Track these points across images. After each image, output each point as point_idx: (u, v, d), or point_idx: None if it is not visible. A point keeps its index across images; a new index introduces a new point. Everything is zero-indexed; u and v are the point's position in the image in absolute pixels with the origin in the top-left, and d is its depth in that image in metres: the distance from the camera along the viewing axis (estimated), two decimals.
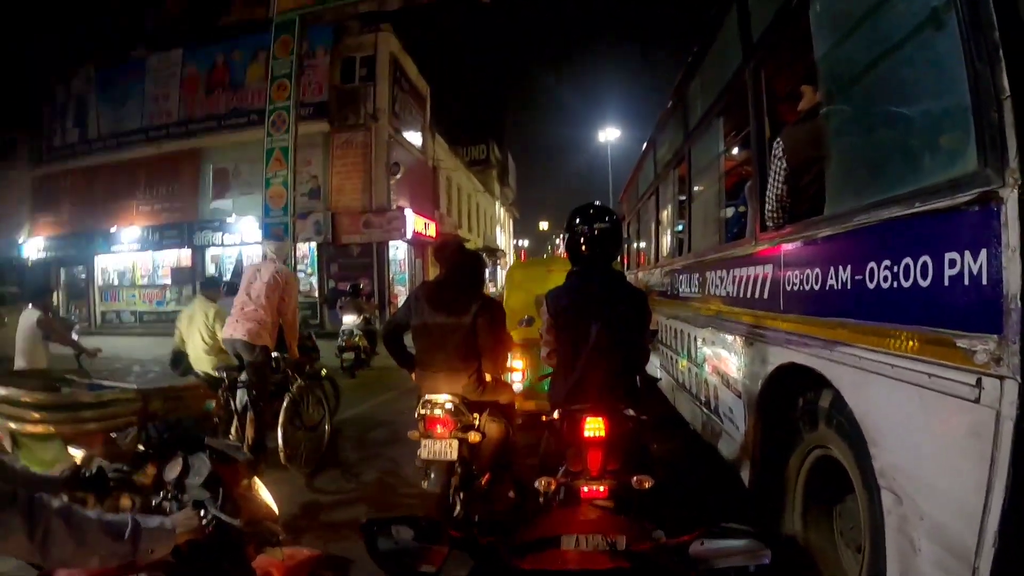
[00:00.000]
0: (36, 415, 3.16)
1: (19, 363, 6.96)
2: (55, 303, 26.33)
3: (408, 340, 4.75)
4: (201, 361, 6.94)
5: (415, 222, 24.11)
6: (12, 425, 3.17)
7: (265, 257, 6.83)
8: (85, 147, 27.14)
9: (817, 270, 2.98)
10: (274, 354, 6.47)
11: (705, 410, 5.35)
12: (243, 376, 6.33)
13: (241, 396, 6.33)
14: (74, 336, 7.91)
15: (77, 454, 2.95)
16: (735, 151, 5.98)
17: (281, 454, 6.00)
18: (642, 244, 10.65)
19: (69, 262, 27.91)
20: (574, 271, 3.75)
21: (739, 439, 4.31)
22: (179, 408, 3.53)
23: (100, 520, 1.73)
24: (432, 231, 26.46)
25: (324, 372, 7.66)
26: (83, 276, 27.75)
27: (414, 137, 27.56)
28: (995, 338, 1.78)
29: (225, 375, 6.29)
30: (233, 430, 6.20)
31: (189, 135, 24.96)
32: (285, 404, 6.38)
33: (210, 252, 25.27)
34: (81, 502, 2.14)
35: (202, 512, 2.01)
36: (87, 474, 2.24)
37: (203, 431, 2.58)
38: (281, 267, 6.57)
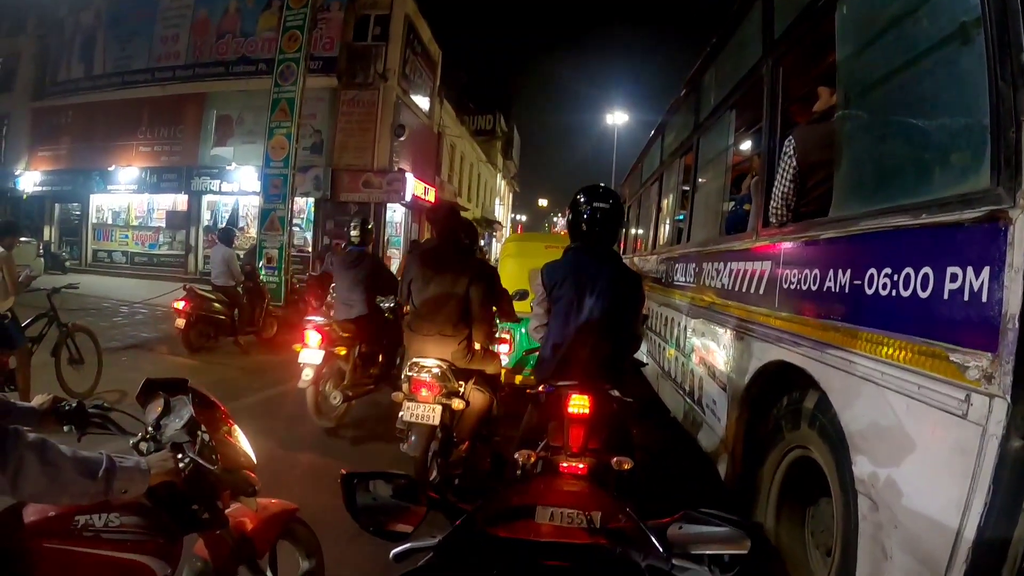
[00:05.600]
0: None
1: None
2: (49, 238, 26.13)
3: None
4: None
5: (415, 186, 23.96)
6: None
7: None
8: (89, 82, 26.53)
9: (816, 271, 2.97)
10: None
11: (688, 400, 5.37)
12: None
13: None
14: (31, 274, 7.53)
15: None
16: (744, 146, 5.95)
17: None
18: (641, 230, 10.63)
19: (64, 198, 27.44)
20: (572, 247, 3.74)
21: (719, 432, 4.32)
22: None
23: (74, 456, 1.71)
24: (431, 196, 26.29)
25: None
26: (77, 213, 27.25)
27: (422, 101, 27.31)
28: (989, 356, 1.79)
29: None
30: None
31: (195, 79, 24.49)
32: None
33: (207, 199, 24.97)
34: (56, 434, 2.12)
35: (179, 455, 1.99)
36: (67, 407, 2.23)
37: None
38: None
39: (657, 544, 1.30)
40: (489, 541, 1.35)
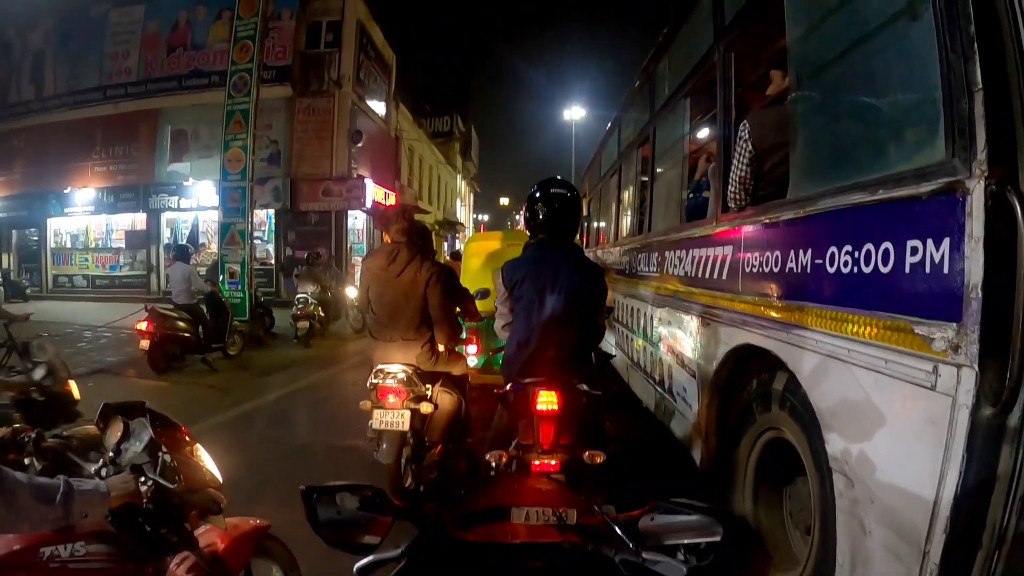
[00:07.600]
0: None
1: None
2: (8, 266, 25.49)
3: None
4: None
5: (375, 192, 23.79)
6: None
7: None
8: (40, 104, 25.96)
9: (777, 253, 2.99)
10: None
11: (659, 389, 5.38)
12: None
13: None
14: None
15: None
16: (700, 134, 5.98)
17: None
18: (602, 223, 10.65)
19: (21, 224, 26.71)
20: (532, 242, 3.71)
21: (692, 419, 4.33)
22: None
23: (31, 483, 1.66)
24: (392, 201, 26.16)
25: None
26: (35, 239, 26.55)
27: (378, 106, 27.20)
28: (954, 326, 1.79)
29: None
30: None
31: (148, 95, 24.11)
32: None
33: (165, 216, 24.55)
34: (17, 466, 2.06)
35: (140, 477, 1.94)
36: (26, 439, 2.17)
37: None
38: None
39: (625, 538, 1.29)
40: (460, 546, 1.32)
